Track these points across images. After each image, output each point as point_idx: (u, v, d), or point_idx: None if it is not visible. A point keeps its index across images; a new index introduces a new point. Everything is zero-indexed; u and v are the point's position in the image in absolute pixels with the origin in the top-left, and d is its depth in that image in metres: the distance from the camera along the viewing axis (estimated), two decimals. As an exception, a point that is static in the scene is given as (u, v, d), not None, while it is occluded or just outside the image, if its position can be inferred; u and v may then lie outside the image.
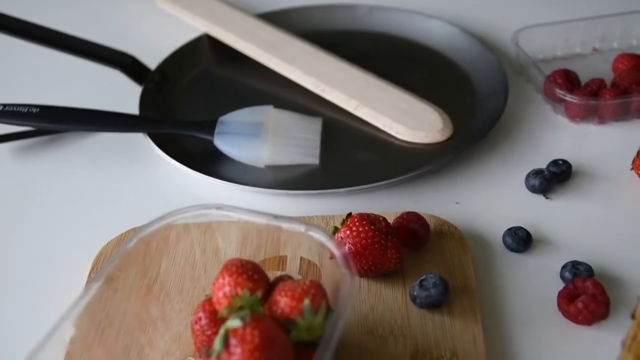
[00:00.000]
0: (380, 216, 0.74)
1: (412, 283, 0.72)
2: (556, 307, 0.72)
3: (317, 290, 0.60)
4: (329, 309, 0.60)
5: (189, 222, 0.66)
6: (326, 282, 0.62)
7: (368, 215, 0.74)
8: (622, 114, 0.99)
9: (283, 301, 0.60)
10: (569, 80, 1.02)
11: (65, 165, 0.98)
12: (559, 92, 0.98)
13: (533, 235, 0.81)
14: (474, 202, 0.87)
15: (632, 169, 0.89)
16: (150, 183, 0.94)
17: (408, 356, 0.67)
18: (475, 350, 0.67)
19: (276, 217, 0.63)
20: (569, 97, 0.97)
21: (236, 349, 0.55)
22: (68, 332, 0.61)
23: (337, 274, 0.59)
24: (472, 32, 1.17)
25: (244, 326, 0.56)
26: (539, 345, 0.69)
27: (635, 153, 0.88)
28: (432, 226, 0.80)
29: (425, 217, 0.80)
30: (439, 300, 0.70)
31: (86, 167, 0.97)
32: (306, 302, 0.60)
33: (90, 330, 0.69)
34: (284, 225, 0.62)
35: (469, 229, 0.83)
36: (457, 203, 0.87)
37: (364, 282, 0.75)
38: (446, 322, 0.70)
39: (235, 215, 0.64)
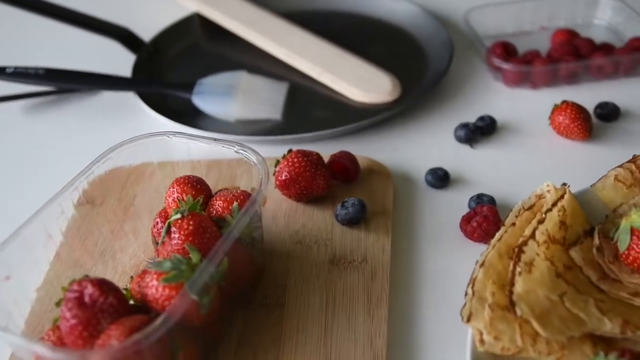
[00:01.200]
0: (314, 152, 0.89)
1: (338, 206, 0.87)
2: (459, 229, 0.85)
3: (245, 196, 0.76)
4: (255, 213, 0.75)
5: (149, 147, 0.81)
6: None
7: (304, 151, 0.88)
8: (552, 80, 1.12)
9: (217, 204, 0.76)
10: (506, 51, 1.15)
11: (69, 121, 1.15)
12: (496, 61, 1.11)
13: (453, 176, 0.94)
14: (409, 149, 1.01)
15: (549, 124, 1.01)
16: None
17: (327, 261, 0.82)
18: (382, 258, 0.81)
19: (215, 140, 0.78)
20: (504, 65, 1.11)
21: (175, 235, 0.71)
22: (58, 240, 0.78)
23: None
24: (431, 12, 1.31)
25: (182, 218, 0.71)
26: (438, 257, 0.83)
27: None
28: (364, 165, 0.95)
29: (358, 157, 0.94)
30: (357, 218, 0.84)
31: (86, 122, 1.14)
32: (235, 204, 0.75)
33: (75, 238, 0.86)
34: (221, 146, 0.77)
35: (399, 170, 0.97)
36: (393, 150, 1.01)
37: (299, 205, 0.89)
38: (362, 236, 0.84)
39: (184, 139, 0.79)
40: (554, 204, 0.73)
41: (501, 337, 0.65)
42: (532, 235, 0.70)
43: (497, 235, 0.74)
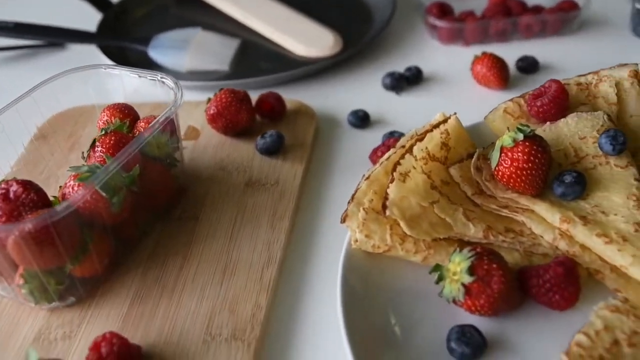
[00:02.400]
0: (242, 90, 0.98)
1: (261, 140, 0.96)
2: (369, 160, 0.93)
3: (166, 120, 0.85)
4: (174, 135, 0.84)
5: (86, 78, 0.91)
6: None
7: (233, 89, 0.97)
8: (483, 38, 1.20)
9: (140, 125, 0.85)
10: (442, 11, 1.23)
11: (35, 74, 1.24)
12: (431, 19, 1.19)
13: (376, 118, 1.03)
14: (339, 96, 1.10)
15: (471, 75, 1.09)
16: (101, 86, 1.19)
17: (243, 184, 0.90)
18: (293, 182, 0.90)
19: (143, 70, 0.88)
20: (438, 23, 1.18)
21: (98, 148, 0.80)
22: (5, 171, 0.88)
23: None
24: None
25: (106, 134, 0.81)
26: (347, 183, 0.90)
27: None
28: (292, 106, 1.03)
29: (288, 100, 1.03)
30: (274, 147, 0.93)
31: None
32: (156, 125, 0.84)
33: (27, 165, 0.96)
34: (147, 77, 0.86)
35: (327, 112, 1.05)
36: (325, 96, 1.10)
37: (227, 139, 0.98)
38: (278, 164, 0.93)
39: (116, 71, 0.89)
40: (436, 127, 0.81)
41: (372, 236, 0.74)
42: (410, 151, 0.78)
43: (386, 155, 0.82)
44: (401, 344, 0.67)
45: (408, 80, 1.10)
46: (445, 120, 0.82)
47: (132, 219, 0.79)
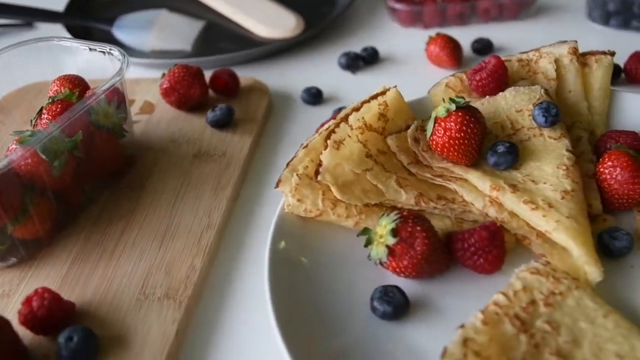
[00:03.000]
0: (195, 66, 1.00)
1: (214, 114, 0.98)
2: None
3: (114, 89, 0.87)
4: (122, 105, 0.86)
5: (39, 49, 0.93)
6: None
7: (186, 65, 0.99)
8: (442, 21, 1.21)
9: (89, 93, 0.87)
10: (403, -6, 1.25)
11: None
12: (390, 2, 1.21)
13: (329, 96, 1.05)
14: (296, 74, 1.12)
15: (426, 56, 1.11)
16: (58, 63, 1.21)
17: (191, 155, 0.92)
18: (240, 153, 0.92)
19: (94, 42, 0.89)
20: (397, 6, 1.20)
21: (44, 116, 0.82)
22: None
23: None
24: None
25: (52, 103, 0.83)
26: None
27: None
28: (246, 83, 1.05)
29: (243, 77, 1.05)
30: (223, 120, 0.95)
31: (18, 56, 1.26)
32: (102, 96, 0.86)
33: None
34: (98, 48, 0.88)
35: (282, 90, 1.07)
36: (281, 75, 1.12)
37: (181, 113, 1.00)
38: (227, 136, 0.95)
39: (67, 43, 0.91)
40: (374, 97, 0.83)
41: (304, 200, 0.75)
42: (345, 120, 0.80)
43: (326, 126, 0.84)
44: (327, 305, 0.69)
45: (364, 60, 1.12)
46: (383, 92, 0.84)
47: (76, 184, 0.81)
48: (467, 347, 0.59)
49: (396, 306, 0.67)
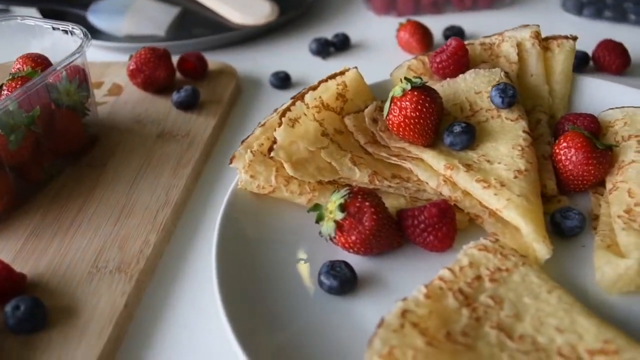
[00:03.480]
0: (162, 48, 1.00)
1: (179, 95, 0.98)
2: (282, 117, 0.95)
3: (76, 67, 0.87)
4: (85, 83, 0.87)
5: (4, 31, 0.93)
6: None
7: (153, 48, 1.00)
8: (416, 9, 1.22)
9: (52, 75, 0.87)
10: (378, -18, 1.25)
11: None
12: (365, -10, 1.22)
13: (299, 81, 1.05)
14: (268, 60, 1.12)
15: (397, 42, 1.11)
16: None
17: (155, 135, 0.93)
18: (203, 134, 0.92)
19: (57, 22, 0.90)
20: (371, -7, 1.21)
21: (4, 92, 0.82)
22: None
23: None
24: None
25: (12, 79, 0.83)
26: (256, 137, 0.93)
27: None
28: (215, 67, 1.06)
29: (212, 61, 1.05)
30: (187, 102, 0.95)
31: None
32: (64, 73, 0.86)
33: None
34: (61, 27, 0.89)
35: (252, 75, 1.08)
36: (253, 60, 1.12)
37: (148, 95, 1.01)
38: (192, 118, 0.95)
39: (31, 22, 0.91)
40: (332, 77, 0.83)
41: (257, 176, 0.76)
42: (301, 98, 0.80)
43: (284, 105, 0.84)
44: (276, 281, 0.69)
45: (335, 46, 1.12)
46: (342, 73, 0.84)
47: (36, 160, 0.81)
48: (406, 318, 0.59)
49: (342, 280, 0.67)
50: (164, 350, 0.66)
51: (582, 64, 1.04)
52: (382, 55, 1.10)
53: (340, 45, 1.12)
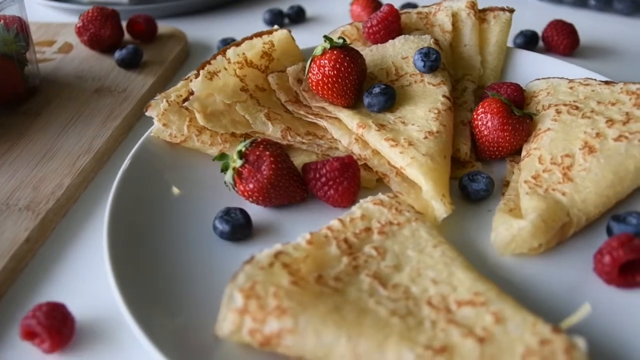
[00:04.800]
0: (111, 9, 1.02)
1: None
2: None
3: (15, 18, 0.89)
4: (25, 35, 0.88)
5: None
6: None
7: (102, 7, 1.01)
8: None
9: (-11, 22, 0.89)
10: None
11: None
12: (330, -34, 1.22)
13: (248, 48, 1.06)
14: (221, 28, 1.14)
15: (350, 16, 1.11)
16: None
17: (93, 90, 0.94)
18: (140, 90, 0.93)
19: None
20: (334, -30, 1.21)
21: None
22: None
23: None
24: None
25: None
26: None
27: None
28: (166, 31, 1.07)
29: (164, 26, 1.07)
30: (129, 59, 0.97)
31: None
32: (1, 22, 0.88)
33: None
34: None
35: (202, 40, 1.09)
36: (206, 29, 1.13)
37: (96, 54, 1.02)
38: (133, 75, 0.97)
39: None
40: (258, 36, 0.83)
41: (170, 125, 0.77)
42: (223, 53, 0.81)
43: (212, 61, 0.85)
44: (173, 228, 0.69)
45: (290, 17, 1.13)
46: (269, 32, 0.85)
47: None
48: (278, 258, 0.59)
49: (235, 226, 0.68)
50: (60, 287, 0.67)
51: (531, 42, 1.03)
52: (334, 27, 1.10)
53: (295, 16, 1.13)
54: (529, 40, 1.02)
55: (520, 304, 0.57)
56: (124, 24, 1.04)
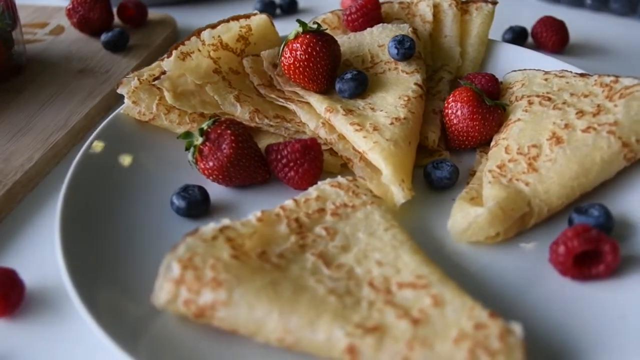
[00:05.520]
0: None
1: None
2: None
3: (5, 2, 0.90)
4: (11, 13, 0.90)
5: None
6: None
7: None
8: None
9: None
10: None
11: None
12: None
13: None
14: (213, 16, 1.10)
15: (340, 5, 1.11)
16: None
17: (77, 70, 0.95)
18: (122, 72, 0.94)
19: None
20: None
21: None
22: None
23: None
24: None
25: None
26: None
27: None
28: (157, 17, 1.09)
29: (155, 13, 1.08)
30: (114, 42, 0.98)
31: None
32: (-11, 0, 0.90)
33: None
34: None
35: (192, 26, 1.09)
36: (201, 17, 1.14)
37: (87, 38, 1.03)
38: (118, 58, 0.98)
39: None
40: (235, 19, 0.84)
41: (139, 103, 0.77)
42: (198, 34, 0.81)
43: (189, 43, 0.85)
44: (132, 205, 0.70)
45: (282, 8, 1.13)
46: (247, 16, 0.85)
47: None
48: (223, 233, 0.59)
49: (191, 202, 0.68)
50: (16, 256, 0.68)
51: (519, 38, 1.02)
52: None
53: (287, 7, 1.13)
54: (517, 36, 1.01)
55: (463, 288, 0.55)
56: (116, 9, 1.05)
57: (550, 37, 0.99)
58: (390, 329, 0.52)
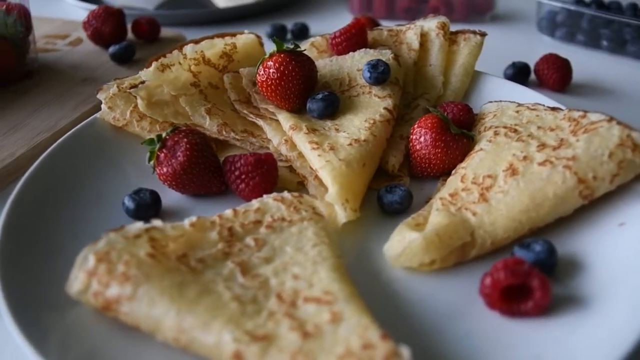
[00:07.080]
0: (117, 8, 1.09)
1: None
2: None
3: (17, 4, 0.97)
4: (23, 21, 0.97)
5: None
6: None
7: (108, 7, 1.09)
8: (390, 13, 1.23)
9: (-4, 7, 0.98)
10: (363, -15, 1.27)
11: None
12: (345, -9, 1.25)
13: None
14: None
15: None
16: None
17: (81, 79, 1.00)
18: (122, 83, 0.98)
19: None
20: (349, -6, 1.24)
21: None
22: None
23: None
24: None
25: (-41, 6, 0.95)
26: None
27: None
28: (171, 34, 1.13)
29: (170, 30, 1.13)
30: (121, 54, 1.02)
31: None
32: (4, 7, 0.97)
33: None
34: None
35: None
36: (214, 37, 1.18)
37: (99, 49, 1.09)
38: (123, 70, 1.02)
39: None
40: (220, 36, 0.86)
41: (115, 109, 0.80)
42: (180, 48, 0.84)
43: (176, 57, 0.88)
44: (88, 200, 0.72)
45: (293, 33, 1.15)
46: (233, 34, 0.87)
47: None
48: (148, 232, 0.60)
49: (140, 204, 0.70)
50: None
51: (521, 74, 0.99)
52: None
53: (298, 32, 1.16)
54: (519, 72, 0.99)
55: (368, 309, 0.54)
56: (130, 25, 1.11)
57: (551, 75, 0.96)
58: (279, 340, 0.51)
